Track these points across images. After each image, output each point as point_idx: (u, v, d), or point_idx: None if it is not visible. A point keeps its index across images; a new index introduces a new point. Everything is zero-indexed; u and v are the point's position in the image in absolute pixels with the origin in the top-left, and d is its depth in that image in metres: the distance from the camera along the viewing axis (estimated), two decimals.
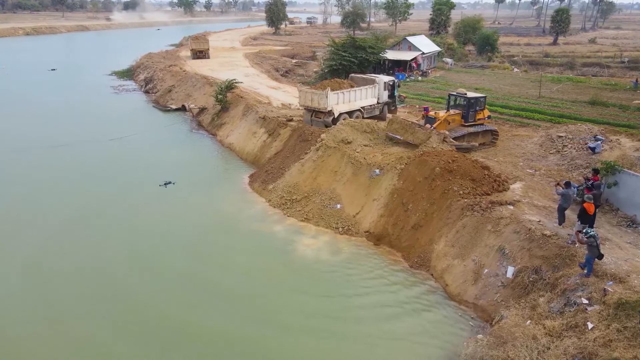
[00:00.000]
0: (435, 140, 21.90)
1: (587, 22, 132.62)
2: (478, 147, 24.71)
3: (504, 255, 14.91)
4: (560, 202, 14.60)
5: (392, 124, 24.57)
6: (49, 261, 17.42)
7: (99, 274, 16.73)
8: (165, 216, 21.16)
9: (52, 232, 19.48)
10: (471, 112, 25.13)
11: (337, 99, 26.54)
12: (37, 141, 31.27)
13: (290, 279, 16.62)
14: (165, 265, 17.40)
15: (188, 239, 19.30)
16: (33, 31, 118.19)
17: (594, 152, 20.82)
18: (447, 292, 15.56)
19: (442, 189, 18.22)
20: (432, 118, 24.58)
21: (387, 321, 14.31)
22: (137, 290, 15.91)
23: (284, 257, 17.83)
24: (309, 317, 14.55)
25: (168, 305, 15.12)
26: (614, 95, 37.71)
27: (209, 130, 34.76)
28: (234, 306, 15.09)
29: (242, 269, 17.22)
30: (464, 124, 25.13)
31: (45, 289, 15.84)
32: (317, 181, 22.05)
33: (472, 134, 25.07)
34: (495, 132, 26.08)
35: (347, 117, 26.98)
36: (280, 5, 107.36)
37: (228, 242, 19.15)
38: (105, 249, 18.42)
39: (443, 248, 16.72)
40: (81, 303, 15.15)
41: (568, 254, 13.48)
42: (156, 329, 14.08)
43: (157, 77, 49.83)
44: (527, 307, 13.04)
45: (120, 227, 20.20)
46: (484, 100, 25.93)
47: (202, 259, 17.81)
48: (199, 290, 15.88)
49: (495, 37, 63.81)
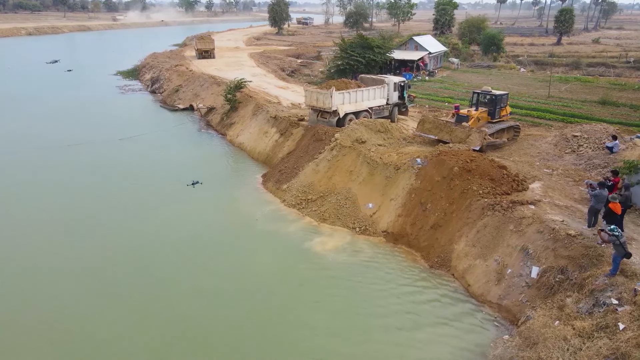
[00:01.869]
0: (476, 138, 22.27)
1: (589, 22, 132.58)
2: (507, 142, 25.12)
3: (527, 255, 14.81)
4: (592, 203, 14.27)
5: (423, 124, 24.69)
6: (58, 261, 17.37)
7: (111, 273, 16.66)
8: (180, 216, 21.07)
9: (61, 233, 19.42)
10: (497, 108, 25.25)
11: (343, 99, 26.30)
12: (46, 141, 31.19)
13: (309, 280, 16.51)
14: (177, 265, 17.30)
15: (203, 238, 19.20)
16: (35, 31, 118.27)
17: (611, 152, 20.72)
18: (470, 292, 15.47)
19: (461, 188, 18.13)
20: (465, 116, 24.61)
21: (409, 320, 14.22)
22: (150, 291, 15.79)
23: (302, 257, 17.73)
24: (334, 318, 14.46)
25: (180, 305, 15.02)
26: (623, 95, 37.62)
27: (219, 130, 34.67)
28: (252, 306, 14.99)
29: (259, 269, 17.13)
30: (491, 120, 25.27)
31: (58, 289, 15.77)
32: (333, 181, 21.96)
33: (500, 131, 25.25)
34: (517, 128, 26.29)
35: (353, 117, 26.79)
36: (283, 5, 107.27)
37: (245, 241, 19.05)
38: (116, 248, 18.36)
39: (464, 248, 16.62)
40: (99, 301, 15.06)
41: (595, 254, 13.37)
42: (170, 328, 13.98)
43: (163, 77, 49.74)
44: (555, 307, 12.93)
45: (132, 227, 20.12)
46: (506, 97, 26.17)
47: (217, 259, 17.73)
48: (214, 291, 15.79)
49: (501, 37, 63.68)
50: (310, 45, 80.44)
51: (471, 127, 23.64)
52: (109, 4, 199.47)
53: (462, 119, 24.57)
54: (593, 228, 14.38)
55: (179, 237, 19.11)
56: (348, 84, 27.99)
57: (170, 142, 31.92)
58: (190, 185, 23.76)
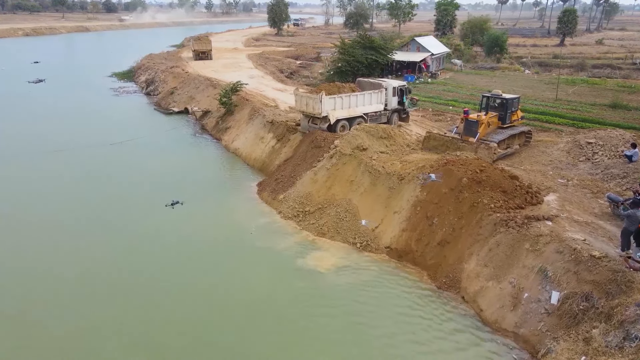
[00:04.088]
0: (486, 155, 20.92)
1: (591, 23, 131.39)
2: (519, 149, 23.77)
3: (546, 278, 13.44)
4: (626, 224, 12.86)
5: (428, 141, 23.41)
6: (41, 269, 16.19)
7: (99, 288, 15.40)
8: (170, 227, 19.73)
9: (46, 241, 18.22)
10: (508, 113, 23.90)
11: (334, 104, 24.80)
12: (35, 145, 29.86)
13: (304, 302, 15.14)
14: (168, 278, 16.03)
15: (193, 252, 17.85)
16: (33, 32, 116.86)
17: (630, 161, 19.35)
18: (482, 317, 14.10)
19: (470, 201, 16.77)
20: (474, 121, 23.12)
21: (413, 352, 12.88)
22: (136, 307, 14.47)
23: (297, 276, 16.36)
24: (328, 349, 13.11)
25: (170, 321, 13.69)
26: (633, 98, 36.25)
27: (214, 135, 33.33)
28: (247, 325, 13.64)
29: (252, 286, 15.82)
30: (502, 125, 23.92)
31: (38, 295, 14.44)
32: (332, 191, 20.59)
33: (511, 137, 23.92)
34: (528, 133, 25.01)
35: (346, 124, 25.42)
36: (283, 5, 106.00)
37: (236, 257, 17.71)
38: (104, 260, 17.09)
39: (474, 268, 15.26)
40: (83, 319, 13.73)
41: (624, 279, 12.00)
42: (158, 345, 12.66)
43: (158, 79, 48.42)
44: (580, 340, 11.58)
45: (121, 237, 18.83)
46: (518, 101, 24.82)
47: (208, 275, 16.40)
48: (204, 307, 14.48)
49: (505, 38, 62.36)
50: (309, 46, 79.13)
51: (479, 142, 22.19)
52: (108, 4, 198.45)
53: (471, 124, 23.13)
54: (628, 251, 12.92)
55: (167, 255, 17.74)
56: (341, 88, 26.37)
57: (163, 147, 30.57)
58: (169, 206, 21.42)
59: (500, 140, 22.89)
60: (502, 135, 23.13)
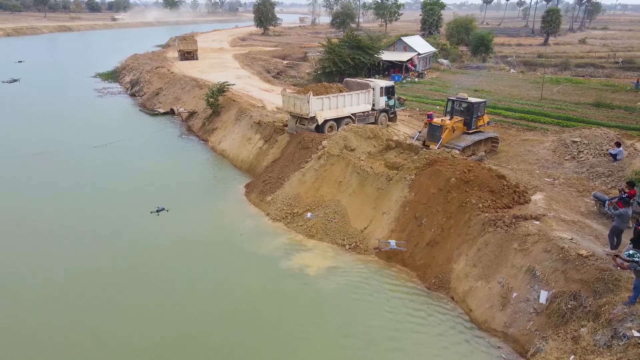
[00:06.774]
0: None
1: (574, 22, 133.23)
2: (484, 156, 23.37)
3: (534, 277, 13.48)
4: (615, 222, 12.95)
5: (387, 150, 22.59)
6: (17, 277, 15.62)
7: (83, 295, 14.97)
8: (156, 231, 19.36)
9: (24, 249, 17.64)
10: (474, 118, 23.66)
11: (322, 104, 24.71)
12: (14, 148, 29.15)
13: (294, 305, 15.00)
14: (154, 284, 15.69)
15: (180, 256, 17.53)
16: (14, 32, 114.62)
17: (615, 160, 19.58)
18: (472, 317, 14.09)
19: (458, 201, 16.77)
20: (438, 126, 22.79)
21: (403, 354, 12.81)
22: (122, 313, 14.17)
23: (286, 279, 16.17)
24: (316, 352, 12.98)
25: (158, 326, 13.42)
26: (616, 97, 36.80)
27: (200, 136, 32.97)
28: (235, 328, 13.44)
29: (240, 289, 15.61)
30: (467, 131, 23.63)
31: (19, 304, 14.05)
32: (320, 192, 20.47)
33: (476, 143, 23.63)
34: (495, 139, 24.67)
35: (333, 124, 25.36)
36: (269, 5, 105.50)
37: (224, 260, 17.46)
38: (89, 266, 16.64)
39: (464, 268, 15.26)
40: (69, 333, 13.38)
41: (611, 278, 12.08)
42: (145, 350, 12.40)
43: (143, 80, 47.76)
44: (568, 338, 11.63)
45: (104, 244, 18.35)
46: (484, 105, 24.51)
47: (196, 279, 16.11)
48: (193, 311, 14.21)
49: (490, 38, 62.87)
50: (296, 45, 78.87)
51: (442, 148, 21.57)
52: (91, 4, 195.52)
53: (435, 129, 22.82)
54: (616, 250, 13.00)
55: (153, 260, 17.38)
56: (328, 89, 26.28)
57: (148, 148, 30.13)
58: (154, 213, 20.74)
59: (465, 146, 22.40)
60: (467, 141, 22.73)
